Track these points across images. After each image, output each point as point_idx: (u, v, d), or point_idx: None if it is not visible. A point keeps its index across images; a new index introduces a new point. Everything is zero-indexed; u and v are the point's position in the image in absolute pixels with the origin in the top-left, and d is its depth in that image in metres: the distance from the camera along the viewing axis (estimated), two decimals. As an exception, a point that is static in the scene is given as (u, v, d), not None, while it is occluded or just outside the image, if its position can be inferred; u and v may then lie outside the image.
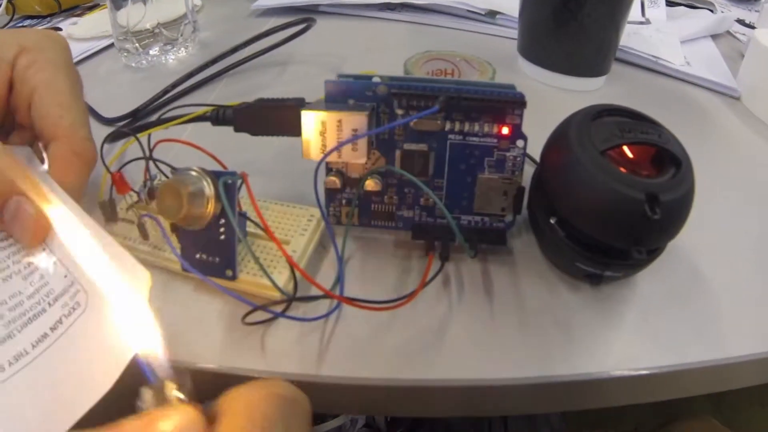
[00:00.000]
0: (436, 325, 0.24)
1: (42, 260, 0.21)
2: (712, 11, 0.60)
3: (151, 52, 0.47)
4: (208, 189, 0.23)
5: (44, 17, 0.60)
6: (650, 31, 0.53)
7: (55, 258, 0.21)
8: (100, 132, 0.31)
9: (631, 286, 0.26)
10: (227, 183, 0.23)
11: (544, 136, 0.26)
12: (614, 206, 0.22)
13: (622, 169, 0.23)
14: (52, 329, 0.19)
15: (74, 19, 0.59)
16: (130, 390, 0.16)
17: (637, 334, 0.24)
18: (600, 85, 0.45)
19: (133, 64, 0.47)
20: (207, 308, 0.25)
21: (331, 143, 0.23)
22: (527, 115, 0.25)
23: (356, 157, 0.24)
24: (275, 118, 0.26)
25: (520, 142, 0.25)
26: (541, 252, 0.28)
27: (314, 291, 0.24)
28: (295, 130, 0.25)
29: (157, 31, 0.47)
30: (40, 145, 0.26)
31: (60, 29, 0.54)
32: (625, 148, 0.24)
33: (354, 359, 0.23)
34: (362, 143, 0.23)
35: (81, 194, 0.25)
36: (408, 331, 0.24)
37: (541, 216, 0.26)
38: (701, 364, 0.23)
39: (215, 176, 0.23)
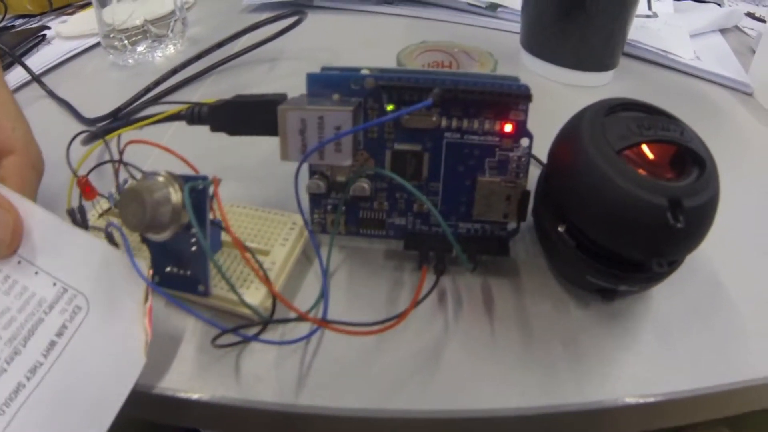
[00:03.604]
0: (430, 347, 0.22)
1: (20, 271, 0.20)
2: (719, 5, 0.59)
3: (138, 49, 0.45)
4: (175, 196, 0.21)
5: (35, 16, 0.59)
6: (658, 25, 0.51)
7: (35, 268, 0.20)
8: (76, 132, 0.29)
9: (645, 300, 0.24)
10: (195, 188, 0.20)
11: (549, 136, 0.24)
12: (633, 213, 0.20)
13: (641, 171, 0.20)
14: (59, 335, 0.19)
15: (64, 17, 0.58)
16: None
17: (652, 355, 0.22)
18: (608, 81, 0.42)
19: (120, 62, 0.45)
20: (179, 326, 0.23)
21: (312, 143, 0.21)
22: (531, 112, 0.22)
23: (340, 159, 0.21)
24: (253, 115, 0.23)
25: (524, 141, 0.23)
26: (547, 263, 0.25)
27: (295, 308, 0.22)
28: (275, 128, 0.22)
29: (145, 28, 0.45)
30: None
31: (49, 27, 0.53)
32: (644, 148, 0.21)
33: (337, 386, 0.20)
34: (346, 143, 0.21)
35: None
36: (398, 355, 0.21)
37: (548, 223, 0.23)
38: (723, 387, 0.21)
39: (184, 181, 0.21)
